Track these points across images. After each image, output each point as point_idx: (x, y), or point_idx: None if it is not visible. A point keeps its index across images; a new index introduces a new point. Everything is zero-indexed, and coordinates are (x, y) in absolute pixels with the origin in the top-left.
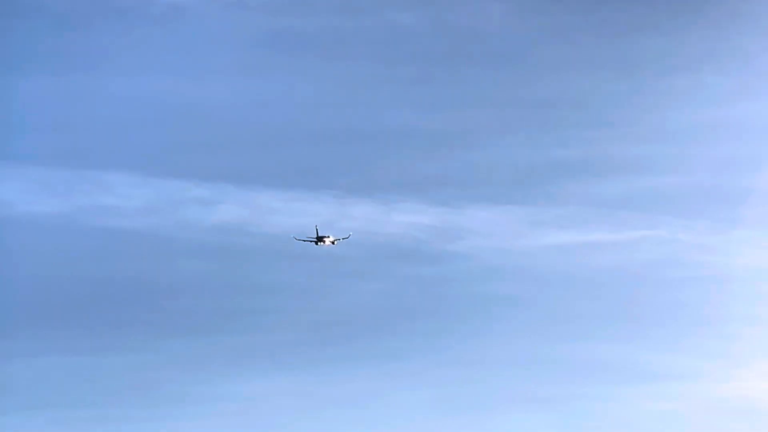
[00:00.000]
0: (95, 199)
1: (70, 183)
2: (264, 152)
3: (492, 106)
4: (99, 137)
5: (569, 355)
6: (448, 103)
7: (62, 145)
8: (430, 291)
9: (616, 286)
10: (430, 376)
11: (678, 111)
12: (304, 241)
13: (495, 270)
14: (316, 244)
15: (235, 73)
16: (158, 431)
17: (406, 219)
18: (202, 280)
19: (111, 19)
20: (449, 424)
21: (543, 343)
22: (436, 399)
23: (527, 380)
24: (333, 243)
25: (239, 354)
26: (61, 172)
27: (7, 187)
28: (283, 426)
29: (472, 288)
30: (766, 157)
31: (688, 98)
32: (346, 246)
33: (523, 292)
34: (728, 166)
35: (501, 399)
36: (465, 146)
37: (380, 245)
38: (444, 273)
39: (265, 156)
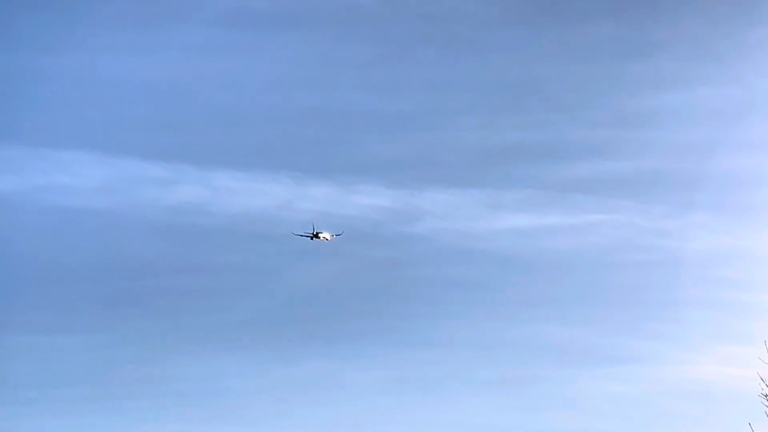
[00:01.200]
0: (52, 178)
1: (25, 161)
2: (222, 132)
3: (450, 89)
4: (56, 115)
5: (525, 337)
6: (407, 86)
7: (18, 124)
8: (388, 273)
9: (573, 270)
10: (388, 357)
11: (635, 96)
12: (302, 236)
13: (453, 252)
14: (312, 239)
15: (193, 52)
16: (115, 411)
17: (364, 201)
18: (159, 260)
19: None
20: (407, 405)
21: (500, 326)
22: (393, 380)
23: (484, 362)
24: (327, 239)
25: (196, 334)
26: (17, 150)
27: None
28: (241, 406)
29: (429, 270)
30: (722, 142)
31: (645, 83)
32: (305, 227)
33: (480, 274)
34: (685, 151)
35: (458, 381)
36: (423, 129)
37: (339, 227)
38: (402, 255)
39: (223, 136)
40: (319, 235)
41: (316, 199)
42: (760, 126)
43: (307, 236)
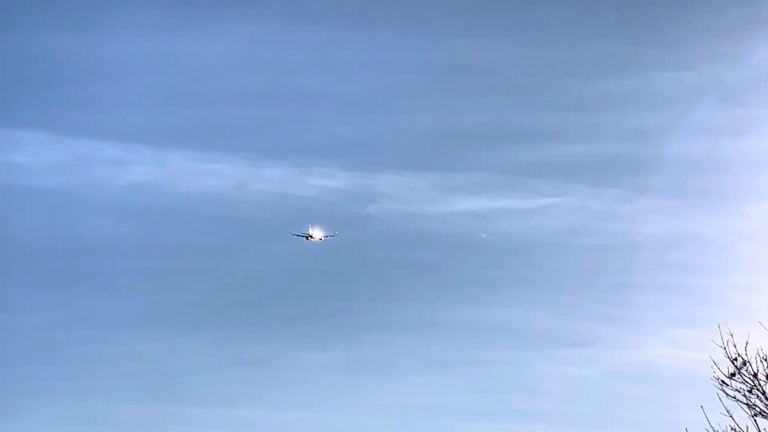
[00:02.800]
0: (5, 156)
1: None
2: (177, 113)
3: (405, 72)
4: (9, 95)
5: (479, 319)
6: (362, 68)
7: None
8: (342, 254)
9: (526, 253)
10: (342, 338)
11: (589, 80)
12: (298, 236)
13: (407, 234)
14: (307, 239)
15: (148, 31)
16: (67, 391)
17: (318, 183)
18: (113, 239)
19: None
20: (361, 386)
21: (453, 308)
22: (347, 361)
23: (438, 344)
24: (321, 239)
25: (148, 314)
26: None
27: None
28: (194, 386)
29: (384, 252)
30: (675, 127)
31: (600, 68)
32: (259, 208)
33: (434, 256)
34: (638, 136)
35: (411, 363)
36: (378, 111)
37: (293, 208)
38: (357, 237)
39: (178, 117)
40: (313, 236)
41: (270, 181)
42: (712, 111)
43: (303, 236)
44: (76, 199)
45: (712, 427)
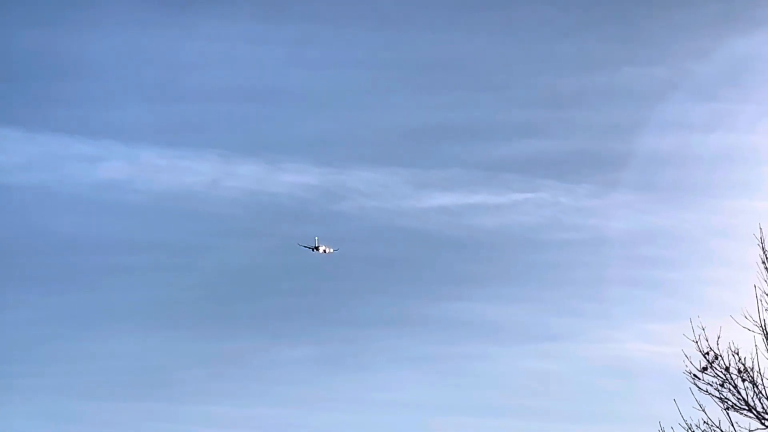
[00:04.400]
0: None
1: None
2: (149, 109)
3: (377, 68)
4: None
5: (451, 315)
6: (334, 64)
7: None
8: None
9: (498, 248)
10: (315, 334)
11: (561, 76)
12: (305, 247)
13: (380, 230)
14: (313, 251)
15: (120, 28)
16: (41, 389)
17: (291, 179)
18: (85, 236)
19: None
20: (334, 382)
21: (426, 303)
22: (320, 357)
23: (410, 339)
24: (325, 252)
25: (123, 311)
26: None
27: None
28: (168, 384)
29: (357, 248)
30: (646, 122)
31: (572, 63)
32: (232, 205)
33: (407, 252)
34: (609, 131)
35: (384, 358)
36: (350, 107)
37: (265, 205)
38: (329, 233)
39: (149, 113)
40: (320, 248)
41: (242, 177)
42: (683, 106)
43: (310, 248)
44: (47, 196)
45: (685, 421)
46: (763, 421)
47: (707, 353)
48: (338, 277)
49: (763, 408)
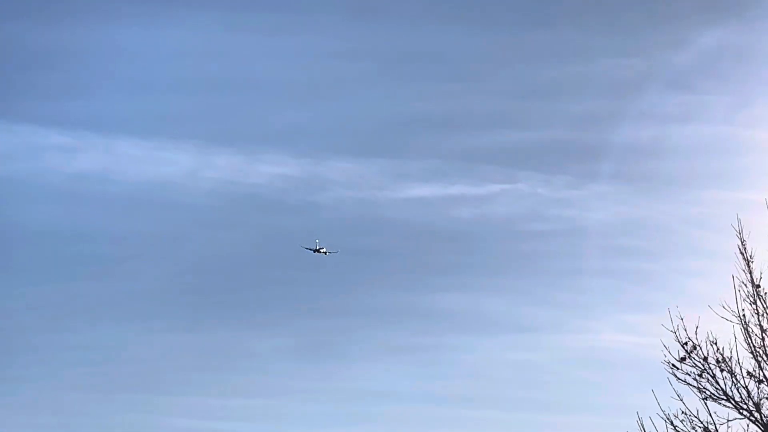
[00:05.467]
0: None
1: None
2: (126, 101)
3: (355, 58)
4: None
5: (429, 305)
6: (312, 55)
7: None
8: (292, 241)
9: (477, 239)
10: (293, 324)
11: (538, 66)
12: (307, 249)
13: (357, 221)
14: (314, 252)
15: (96, 20)
16: (17, 380)
17: (269, 170)
18: (62, 227)
19: None
20: (311, 372)
21: (404, 293)
22: (298, 347)
23: (388, 330)
24: (325, 253)
25: (99, 302)
26: None
27: None
28: (145, 373)
29: (334, 238)
30: (623, 113)
31: (549, 54)
32: (209, 196)
33: (385, 243)
34: (587, 122)
35: (363, 348)
36: (328, 98)
37: (243, 196)
38: (307, 223)
39: (127, 104)
40: (321, 250)
41: (220, 168)
42: (660, 97)
43: (311, 250)
44: (24, 187)
45: (663, 411)
46: (740, 410)
47: (686, 343)
48: (317, 268)
49: (740, 397)
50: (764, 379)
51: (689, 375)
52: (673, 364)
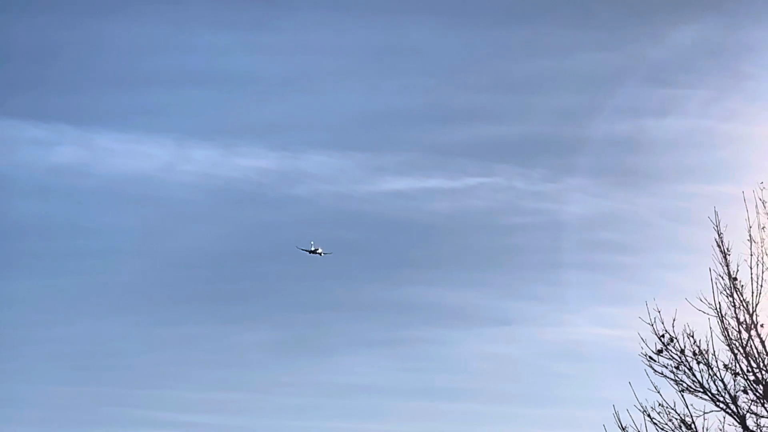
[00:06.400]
0: None
1: None
2: (103, 93)
3: (332, 52)
4: None
5: (406, 298)
6: (289, 48)
7: None
8: (271, 235)
9: (454, 232)
10: (269, 318)
11: (516, 61)
12: (303, 250)
13: (335, 214)
14: (310, 254)
15: (73, 11)
16: None
17: (246, 163)
18: (39, 221)
19: None
20: (291, 366)
21: (381, 287)
22: (274, 341)
23: (366, 323)
24: (321, 254)
25: (78, 296)
26: None
27: None
28: (125, 368)
29: (312, 232)
30: (601, 107)
31: (526, 48)
32: (187, 189)
33: (362, 236)
34: (564, 116)
35: (340, 341)
36: (305, 91)
37: (221, 189)
38: (285, 217)
39: (104, 97)
40: (317, 251)
41: (198, 162)
42: (636, 91)
43: (308, 251)
44: (1, 181)
45: (640, 403)
46: (717, 402)
47: (663, 336)
48: (293, 262)
49: (717, 390)
50: (740, 372)
51: (666, 367)
52: (650, 357)
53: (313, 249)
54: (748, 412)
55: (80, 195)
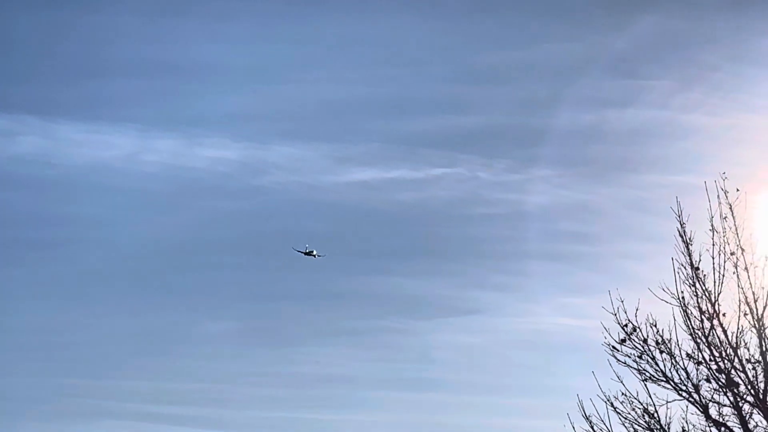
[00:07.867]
0: None
1: None
2: (65, 83)
3: (296, 42)
4: None
5: (371, 288)
6: (253, 38)
7: None
8: (234, 226)
9: (417, 223)
10: (235, 309)
11: (479, 51)
12: (299, 251)
13: (300, 205)
14: (305, 255)
15: (35, 2)
16: None
17: (210, 153)
18: (1, 211)
19: None
20: (256, 356)
21: (346, 277)
22: (240, 332)
23: (331, 313)
24: (315, 256)
25: (39, 286)
26: None
27: None
28: (85, 359)
29: (277, 223)
30: (564, 98)
31: (489, 39)
32: (150, 179)
33: (327, 226)
34: (527, 107)
35: (305, 332)
36: (269, 81)
37: (185, 179)
38: (249, 208)
39: (66, 87)
40: (312, 253)
41: (161, 152)
42: (599, 82)
43: (302, 253)
44: None
45: (603, 393)
46: (680, 392)
47: (626, 325)
48: (259, 252)
49: (680, 379)
50: (703, 361)
51: (629, 357)
52: (613, 346)
53: (307, 251)
54: (710, 401)
55: (42, 185)
